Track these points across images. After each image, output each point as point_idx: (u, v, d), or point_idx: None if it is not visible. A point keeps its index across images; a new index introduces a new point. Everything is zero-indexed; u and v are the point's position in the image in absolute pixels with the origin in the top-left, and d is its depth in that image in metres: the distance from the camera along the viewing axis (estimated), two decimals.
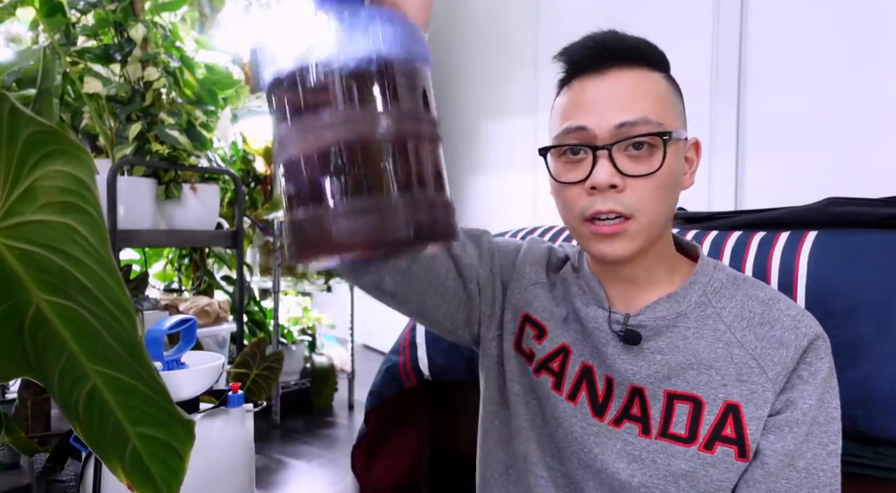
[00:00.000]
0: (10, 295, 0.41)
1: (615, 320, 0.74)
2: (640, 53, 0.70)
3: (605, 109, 0.68)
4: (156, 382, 0.40)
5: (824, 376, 0.70)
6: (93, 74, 2.05)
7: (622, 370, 0.73)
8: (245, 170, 2.89)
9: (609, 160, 0.67)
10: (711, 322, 0.73)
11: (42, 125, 0.38)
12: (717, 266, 0.77)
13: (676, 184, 0.71)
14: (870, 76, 2.12)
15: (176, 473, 0.41)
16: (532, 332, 0.80)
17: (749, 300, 0.74)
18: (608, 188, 0.67)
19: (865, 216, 0.98)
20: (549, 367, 0.78)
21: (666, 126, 0.68)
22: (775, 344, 0.70)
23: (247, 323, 2.76)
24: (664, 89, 0.70)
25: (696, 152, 0.76)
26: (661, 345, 0.73)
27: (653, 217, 0.68)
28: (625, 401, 0.73)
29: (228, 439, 1.05)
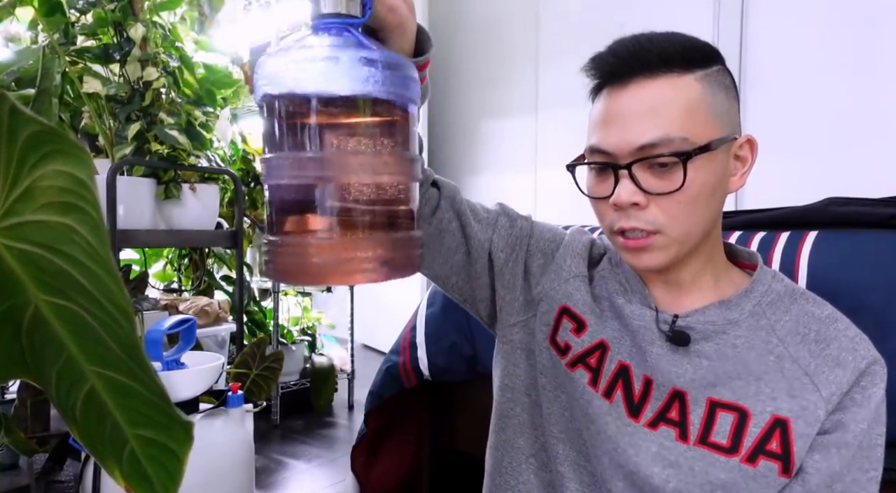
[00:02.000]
0: (9, 295, 0.40)
1: (663, 319, 0.72)
2: (665, 58, 0.66)
3: (625, 129, 0.66)
4: (154, 383, 0.40)
5: (877, 401, 0.68)
6: (92, 74, 2.05)
7: (665, 371, 0.71)
8: (245, 170, 2.89)
9: (630, 179, 0.66)
10: (764, 334, 0.70)
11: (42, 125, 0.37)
12: (777, 276, 0.74)
13: (713, 193, 0.68)
14: (870, 76, 2.12)
15: (174, 475, 0.41)
16: (570, 325, 0.78)
17: (805, 316, 0.71)
18: (631, 206, 0.66)
19: (866, 216, 0.98)
20: (586, 362, 0.76)
21: (692, 139, 0.65)
22: (831, 363, 0.68)
23: (247, 323, 2.76)
24: (695, 95, 0.66)
25: (752, 150, 0.71)
26: (709, 350, 0.70)
27: (683, 230, 0.67)
28: (663, 403, 0.71)
29: (228, 439, 1.05)
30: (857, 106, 2.14)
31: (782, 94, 2.33)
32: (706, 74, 0.67)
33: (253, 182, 2.93)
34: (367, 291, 3.70)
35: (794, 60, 2.30)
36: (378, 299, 3.79)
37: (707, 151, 0.65)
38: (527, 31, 3.22)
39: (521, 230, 0.83)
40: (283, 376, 2.72)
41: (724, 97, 0.68)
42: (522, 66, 3.20)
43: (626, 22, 2.77)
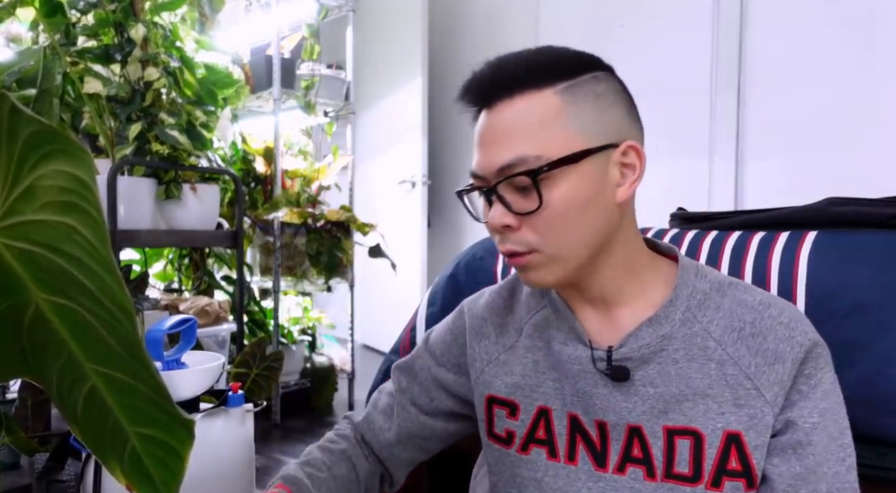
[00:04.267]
0: (10, 295, 0.41)
1: (598, 356, 0.69)
2: (520, 76, 0.65)
3: (488, 151, 0.66)
4: (156, 382, 0.40)
5: (826, 387, 0.65)
6: (93, 74, 2.05)
7: (616, 410, 0.69)
8: (245, 170, 2.89)
9: (499, 201, 0.65)
10: (700, 340, 0.67)
11: (42, 125, 0.38)
12: (700, 272, 0.70)
13: (586, 206, 0.64)
14: (870, 76, 2.12)
15: (175, 473, 0.41)
16: (504, 411, 0.76)
17: (738, 307, 0.68)
18: (505, 228, 0.66)
19: (866, 216, 0.98)
20: (535, 438, 0.74)
21: (547, 155, 0.62)
22: (770, 359, 0.65)
23: (247, 323, 2.76)
24: (552, 109, 0.63)
25: (638, 156, 0.67)
26: (653, 375, 0.67)
27: (558, 247, 0.65)
28: (624, 443, 0.68)
29: (228, 439, 1.05)
30: (857, 106, 2.14)
31: (782, 94, 2.33)
32: (570, 86, 0.64)
33: (253, 182, 2.93)
34: (367, 291, 3.70)
35: (794, 60, 2.30)
36: (378, 299, 3.80)
37: (565, 165, 0.63)
38: (527, 31, 3.22)
39: (424, 371, 0.84)
40: (284, 376, 2.72)
41: (594, 106, 0.65)
42: None
43: (626, 22, 2.77)
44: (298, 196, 2.83)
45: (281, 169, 2.81)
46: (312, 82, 3.00)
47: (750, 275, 0.97)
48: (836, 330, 0.89)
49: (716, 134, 2.49)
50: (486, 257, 1.22)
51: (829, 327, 0.89)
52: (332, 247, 2.80)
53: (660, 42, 2.67)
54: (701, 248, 1.03)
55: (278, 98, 2.76)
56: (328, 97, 3.05)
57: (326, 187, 2.94)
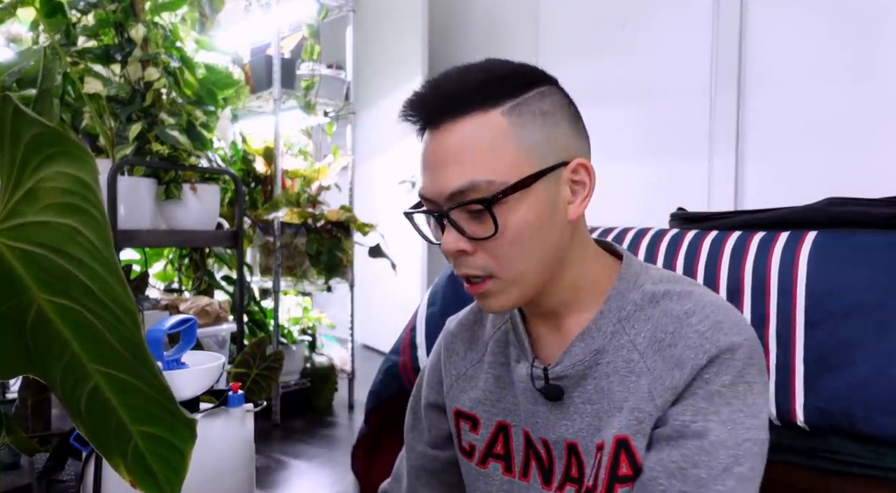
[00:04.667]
0: (12, 295, 0.41)
1: (536, 375, 0.69)
2: (467, 96, 0.63)
3: (437, 176, 0.64)
4: (158, 381, 0.40)
5: (717, 388, 0.61)
6: (93, 75, 2.05)
7: (555, 428, 0.68)
8: (245, 170, 2.89)
9: (453, 227, 0.63)
10: (626, 352, 0.66)
11: (45, 127, 0.38)
12: (637, 283, 0.69)
13: (540, 228, 0.63)
14: (870, 76, 2.12)
15: (178, 471, 0.42)
16: (467, 425, 0.77)
17: (664, 317, 0.65)
18: (460, 253, 0.64)
19: (865, 216, 0.98)
20: (493, 453, 0.75)
21: (499, 180, 0.61)
22: (671, 365, 0.63)
23: (247, 323, 2.76)
24: (500, 132, 0.62)
25: (588, 173, 0.66)
26: (589, 392, 0.67)
27: (516, 271, 0.64)
28: (565, 462, 0.68)
29: (228, 438, 1.05)
30: (857, 106, 2.14)
31: (782, 94, 2.33)
32: (515, 105, 0.63)
33: (253, 182, 2.93)
34: (368, 291, 3.70)
35: (794, 60, 2.30)
36: (378, 299, 3.80)
37: (518, 191, 0.61)
38: (527, 31, 3.22)
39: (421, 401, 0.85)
40: (284, 375, 2.72)
41: (541, 125, 0.64)
42: None
43: (626, 22, 2.77)
44: (298, 196, 2.83)
45: (281, 169, 2.81)
46: (312, 82, 3.00)
47: (750, 275, 0.97)
48: (836, 330, 0.89)
49: (716, 134, 2.49)
50: None
51: (829, 327, 0.90)
52: (332, 247, 2.80)
53: (660, 42, 2.67)
54: (701, 248, 1.04)
55: (278, 98, 2.76)
56: (328, 97, 3.05)
57: (326, 187, 2.94)
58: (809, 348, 0.91)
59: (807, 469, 0.94)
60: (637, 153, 2.73)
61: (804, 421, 0.90)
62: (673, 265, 1.04)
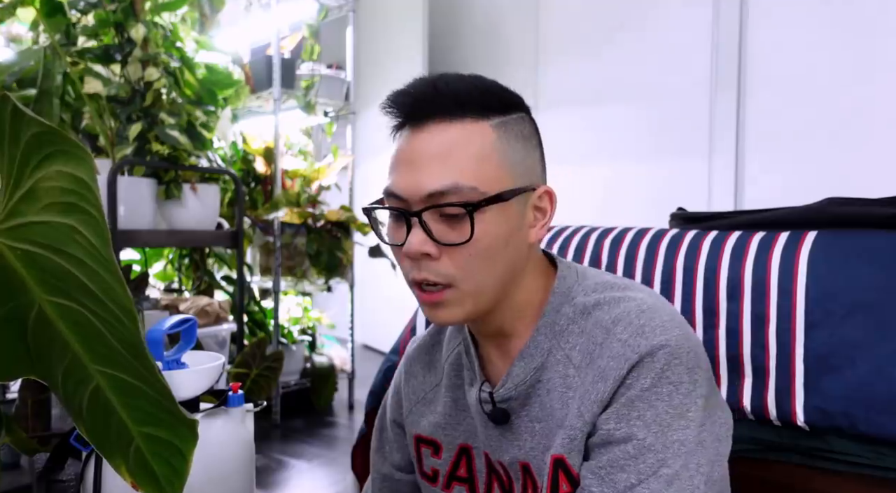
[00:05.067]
0: (13, 296, 0.41)
1: (484, 399, 0.69)
2: (461, 102, 0.63)
3: (415, 174, 0.63)
4: (159, 382, 0.40)
5: (637, 392, 0.61)
6: (93, 75, 2.05)
7: (508, 450, 0.69)
8: (245, 170, 2.89)
9: (421, 228, 0.62)
10: (562, 368, 0.66)
11: (44, 126, 0.38)
12: (570, 295, 0.69)
13: (506, 245, 0.64)
14: (870, 76, 2.12)
15: (179, 472, 0.42)
16: (429, 450, 0.77)
17: (595, 329, 0.65)
18: (423, 256, 0.63)
19: (865, 216, 0.98)
20: (457, 476, 0.75)
21: (482, 188, 0.61)
22: (596, 378, 0.63)
23: (247, 323, 2.76)
24: (489, 143, 0.63)
25: (550, 201, 0.68)
26: (535, 410, 0.67)
27: (476, 283, 0.63)
28: (522, 482, 0.69)
29: (228, 439, 1.05)
30: (857, 106, 2.14)
31: (782, 94, 2.33)
32: (503, 122, 0.65)
33: (253, 182, 2.93)
34: (368, 291, 3.70)
35: (794, 60, 2.30)
36: (378, 299, 3.80)
37: (497, 202, 0.62)
38: (526, 29, 3.22)
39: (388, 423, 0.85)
40: (284, 375, 2.72)
41: (522, 146, 0.66)
42: (522, 67, 3.21)
43: (625, 22, 2.77)
44: (298, 196, 2.83)
45: (281, 169, 2.81)
46: (312, 82, 3.00)
47: (750, 275, 0.97)
48: (836, 330, 0.89)
49: (716, 134, 2.49)
50: None
51: (829, 327, 0.90)
52: (332, 247, 2.80)
53: (660, 42, 2.67)
54: (701, 248, 1.04)
55: (278, 98, 2.76)
56: (328, 97, 3.05)
57: (326, 187, 2.94)
58: (809, 349, 0.91)
59: (807, 469, 0.94)
60: (637, 153, 2.73)
61: (804, 421, 0.90)
62: (673, 265, 1.04)
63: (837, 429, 0.88)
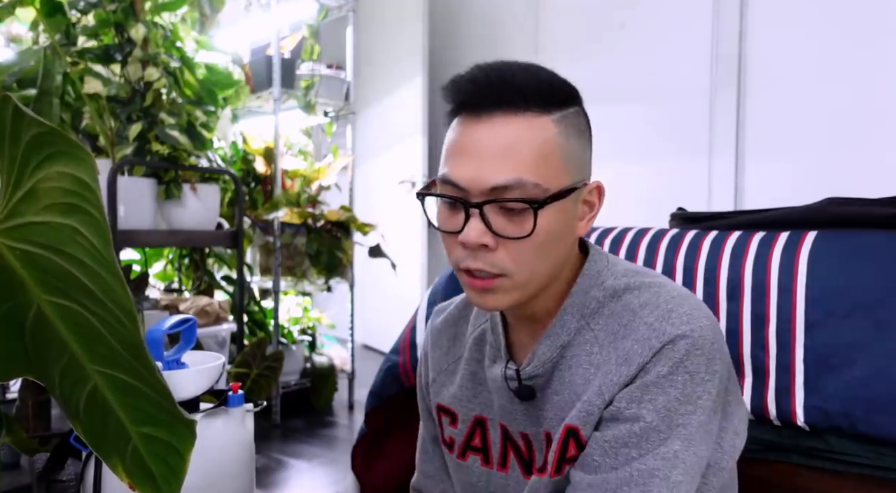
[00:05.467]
0: (12, 296, 0.41)
1: (510, 376, 0.72)
2: (526, 96, 0.64)
3: (480, 165, 0.63)
4: (158, 382, 0.40)
5: (653, 378, 0.63)
6: (93, 75, 2.05)
7: (534, 422, 0.72)
8: (245, 170, 2.89)
9: (481, 219, 0.63)
10: (588, 347, 0.69)
11: (45, 126, 0.38)
12: (599, 280, 0.71)
13: (560, 238, 0.66)
14: (870, 76, 2.12)
15: (177, 472, 0.42)
16: (448, 420, 0.81)
17: (623, 311, 0.68)
18: (480, 247, 0.64)
19: (865, 216, 0.98)
20: (472, 446, 0.78)
21: (545, 184, 0.63)
22: (621, 361, 0.65)
23: (247, 323, 2.76)
24: (552, 138, 0.64)
25: (599, 196, 0.70)
26: (555, 384, 0.70)
27: (528, 274, 0.65)
28: (546, 449, 0.71)
29: (228, 439, 1.05)
30: (858, 106, 2.14)
31: (782, 94, 2.33)
32: (563, 116, 0.65)
33: (253, 182, 2.93)
34: (368, 291, 3.70)
35: (794, 60, 2.30)
36: (378, 299, 3.80)
37: (559, 200, 0.64)
38: (526, 29, 3.22)
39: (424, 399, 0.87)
40: (284, 375, 2.72)
41: (578, 142, 0.67)
42: None
43: (625, 21, 2.77)
44: (298, 196, 2.83)
45: (281, 169, 2.81)
46: (312, 82, 3.00)
47: (750, 275, 0.97)
48: (836, 330, 0.89)
49: (716, 134, 2.49)
50: None
51: (829, 327, 0.90)
52: (332, 247, 2.80)
53: (660, 42, 2.67)
54: (701, 248, 1.04)
55: (278, 98, 2.76)
56: (328, 97, 3.05)
57: (326, 187, 2.94)
58: (809, 349, 0.91)
59: (807, 469, 0.94)
60: (637, 153, 2.73)
61: (804, 421, 0.90)
62: (673, 265, 1.04)
63: (837, 429, 0.88)
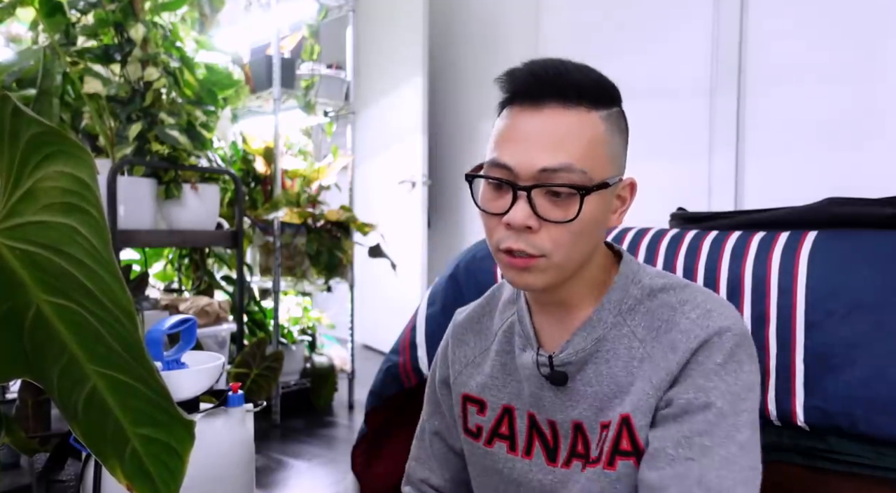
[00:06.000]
0: (11, 296, 0.41)
1: (542, 362, 0.75)
2: (581, 92, 0.68)
3: (531, 150, 0.67)
4: (156, 382, 0.40)
5: (712, 366, 0.67)
6: (93, 74, 2.05)
7: (562, 410, 0.75)
8: (245, 170, 2.89)
9: (527, 202, 0.67)
10: (627, 341, 0.72)
11: (44, 126, 0.38)
12: (636, 279, 0.75)
13: (598, 227, 0.71)
14: (870, 76, 2.12)
15: (175, 474, 0.41)
16: (475, 408, 0.83)
17: (661, 308, 0.72)
18: (524, 229, 0.67)
19: (865, 216, 0.98)
20: (499, 433, 0.81)
21: (591, 174, 0.67)
22: (666, 348, 0.69)
23: (247, 323, 2.76)
24: (600, 133, 0.69)
25: (631, 192, 0.75)
26: (590, 376, 0.73)
27: (566, 257, 0.69)
28: (571, 440, 0.74)
29: (228, 439, 1.05)
30: (857, 106, 2.14)
31: (782, 93, 2.33)
32: (609, 115, 0.70)
33: (253, 182, 2.93)
34: (367, 291, 3.70)
35: (794, 60, 2.30)
36: (378, 299, 3.80)
37: (604, 189, 0.68)
38: (527, 31, 3.22)
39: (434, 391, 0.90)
40: (284, 375, 2.72)
41: (620, 139, 0.72)
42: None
43: (625, 21, 2.77)
44: (298, 196, 2.83)
45: (281, 169, 2.81)
46: (312, 82, 3.00)
47: (750, 275, 0.97)
48: (836, 330, 0.89)
49: (716, 134, 2.49)
50: (486, 258, 1.22)
51: (829, 327, 0.89)
52: (332, 247, 2.80)
53: (660, 42, 2.67)
54: (701, 248, 1.04)
55: (278, 98, 2.76)
56: (328, 97, 3.05)
57: (326, 187, 2.94)
58: (809, 349, 0.91)
59: (807, 469, 0.94)
60: (637, 153, 2.72)
61: (804, 421, 0.90)
62: (673, 265, 1.04)
63: (837, 429, 0.88)
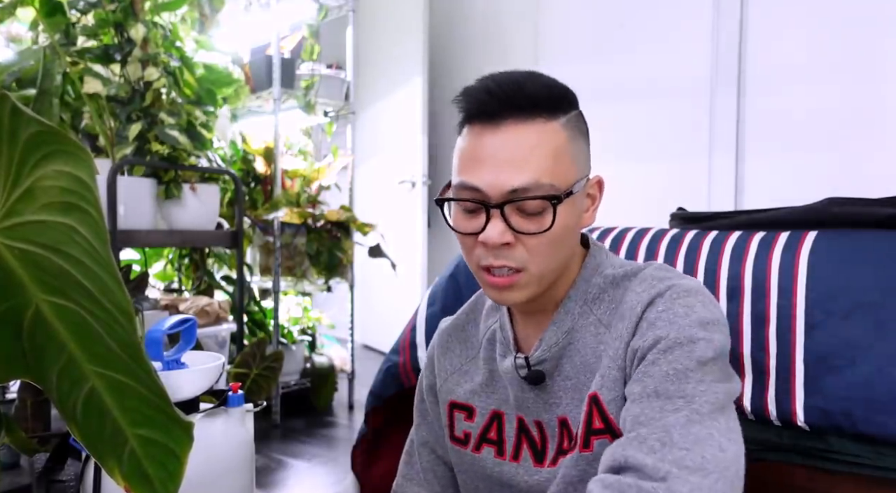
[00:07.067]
0: (10, 296, 0.41)
1: (520, 365, 0.76)
2: (537, 103, 0.69)
3: (498, 170, 0.68)
4: (155, 383, 0.40)
5: (655, 314, 0.67)
6: (93, 74, 2.05)
7: (547, 408, 0.76)
8: (245, 170, 2.89)
9: (501, 219, 0.68)
10: (593, 329, 0.74)
11: (43, 125, 0.38)
12: (600, 270, 0.77)
13: (573, 231, 0.72)
14: (870, 76, 2.12)
15: (174, 475, 0.41)
16: (462, 415, 0.84)
17: (624, 293, 0.73)
18: (501, 245, 0.68)
19: (865, 216, 0.98)
20: (487, 438, 0.81)
21: (559, 184, 0.68)
22: (617, 319, 0.71)
23: (247, 323, 2.76)
24: (562, 142, 0.70)
25: (599, 189, 0.76)
26: (567, 370, 0.74)
27: (545, 268, 0.70)
28: (558, 438, 0.75)
29: (228, 439, 1.05)
30: (858, 106, 2.14)
31: (782, 93, 2.33)
32: (568, 120, 0.71)
33: (253, 182, 2.93)
34: (367, 291, 3.70)
35: (794, 59, 2.30)
36: (378, 299, 3.80)
37: (571, 196, 0.69)
38: (526, 30, 3.22)
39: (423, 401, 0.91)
40: (284, 375, 2.72)
41: (582, 142, 0.73)
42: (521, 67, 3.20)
43: (625, 21, 2.77)
44: (298, 196, 2.82)
45: (281, 169, 2.81)
46: (312, 82, 3.00)
47: (750, 275, 0.97)
48: (836, 330, 0.89)
49: (716, 133, 2.49)
50: None
51: (830, 327, 0.89)
52: (332, 247, 2.80)
53: (660, 42, 2.67)
54: (701, 248, 1.03)
55: (278, 98, 2.76)
56: (328, 97, 3.05)
57: (326, 187, 2.94)
58: (809, 349, 0.90)
59: (807, 469, 0.93)
60: (637, 153, 2.72)
61: (804, 421, 0.90)
62: (673, 265, 1.04)
63: (837, 429, 0.88)
